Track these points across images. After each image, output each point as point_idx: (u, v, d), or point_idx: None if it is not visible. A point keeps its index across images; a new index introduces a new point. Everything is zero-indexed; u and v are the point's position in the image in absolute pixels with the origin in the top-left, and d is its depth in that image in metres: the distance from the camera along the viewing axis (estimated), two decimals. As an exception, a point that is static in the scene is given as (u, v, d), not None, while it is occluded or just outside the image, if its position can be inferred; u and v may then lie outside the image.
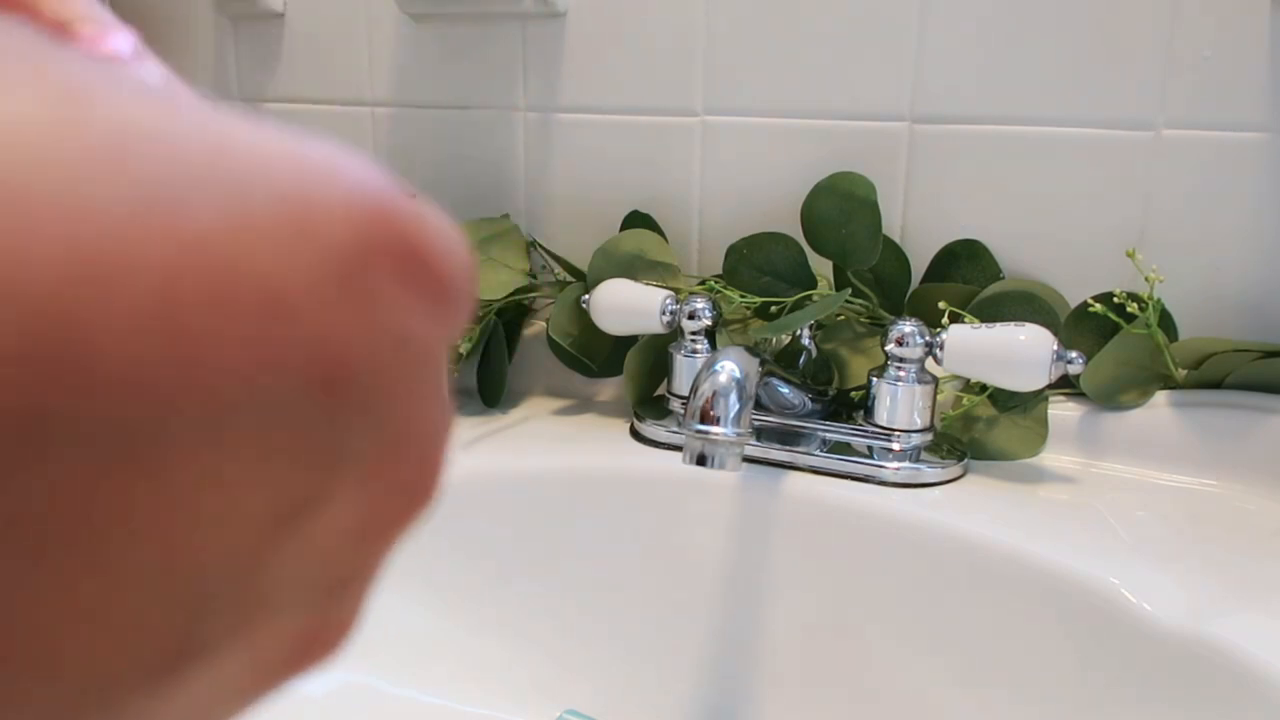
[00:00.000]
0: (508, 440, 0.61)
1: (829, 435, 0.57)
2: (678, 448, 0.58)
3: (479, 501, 0.57)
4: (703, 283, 0.63)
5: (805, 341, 0.59)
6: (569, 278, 0.67)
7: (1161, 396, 0.56)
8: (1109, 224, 0.58)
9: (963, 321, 0.56)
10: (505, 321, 0.67)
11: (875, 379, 0.55)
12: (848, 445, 0.56)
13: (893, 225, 0.62)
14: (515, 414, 0.66)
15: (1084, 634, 0.44)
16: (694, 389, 0.48)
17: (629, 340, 0.64)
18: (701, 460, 0.47)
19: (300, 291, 0.11)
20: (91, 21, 0.15)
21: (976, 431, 0.57)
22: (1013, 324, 0.52)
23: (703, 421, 0.47)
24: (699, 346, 0.59)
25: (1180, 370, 0.56)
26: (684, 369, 0.59)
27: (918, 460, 0.54)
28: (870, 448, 0.55)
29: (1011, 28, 0.58)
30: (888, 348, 0.54)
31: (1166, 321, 0.57)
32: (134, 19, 0.79)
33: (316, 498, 0.12)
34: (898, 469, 0.54)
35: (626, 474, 0.57)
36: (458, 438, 0.60)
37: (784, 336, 0.61)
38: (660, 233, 0.66)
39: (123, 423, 0.10)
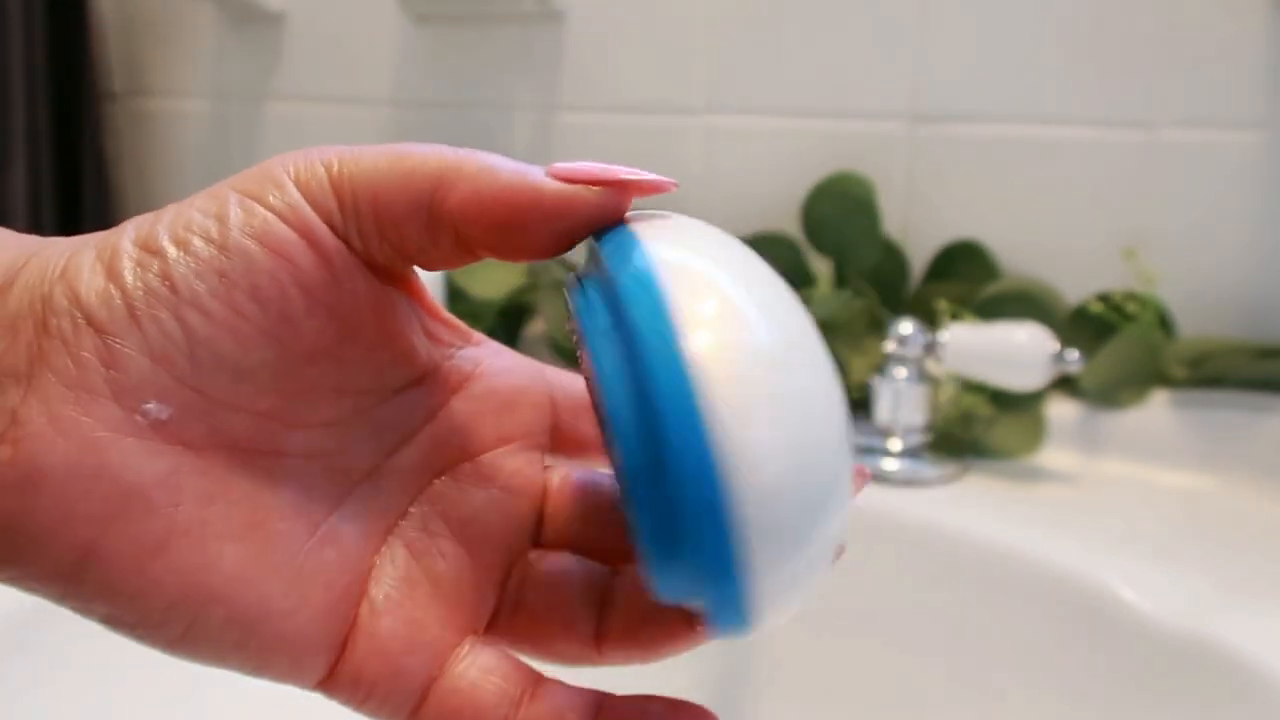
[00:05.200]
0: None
1: (829, 435, 0.57)
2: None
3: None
4: (703, 282, 0.63)
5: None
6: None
7: (1160, 396, 0.56)
8: (1109, 224, 0.58)
9: (962, 321, 0.56)
10: (506, 321, 0.67)
11: (875, 378, 0.55)
12: (847, 444, 0.56)
13: (893, 225, 0.62)
14: (516, 413, 0.66)
15: (1082, 632, 0.44)
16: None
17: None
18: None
19: None
20: None
21: (976, 430, 0.57)
22: (1012, 324, 0.52)
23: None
24: (699, 346, 0.59)
25: (1179, 370, 0.56)
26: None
27: (917, 459, 0.54)
28: (870, 447, 0.56)
29: (1011, 28, 0.58)
30: (887, 347, 0.54)
31: (1166, 321, 0.57)
32: (134, 19, 0.79)
33: None
34: (897, 468, 0.54)
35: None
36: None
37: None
38: (660, 232, 0.66)
39: None
